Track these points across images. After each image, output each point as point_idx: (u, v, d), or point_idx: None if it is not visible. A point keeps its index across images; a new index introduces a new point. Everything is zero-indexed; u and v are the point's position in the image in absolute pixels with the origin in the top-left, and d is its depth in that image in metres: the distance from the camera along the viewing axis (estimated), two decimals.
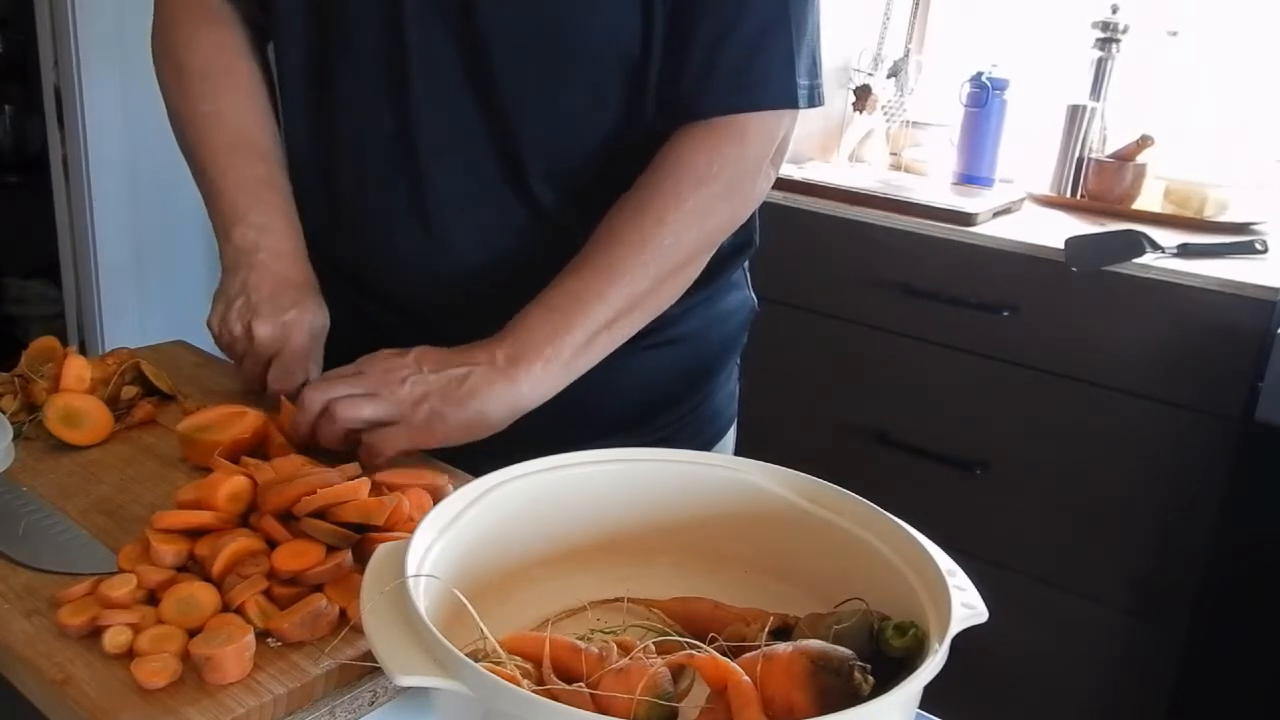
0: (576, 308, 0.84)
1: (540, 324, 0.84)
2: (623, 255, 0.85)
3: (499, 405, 0.81)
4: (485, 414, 0.81)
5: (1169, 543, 1.72)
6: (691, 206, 0.86)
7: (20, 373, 0.90)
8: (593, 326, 0.84)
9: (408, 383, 0.81)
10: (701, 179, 0.87)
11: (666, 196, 0.86)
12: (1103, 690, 1.83)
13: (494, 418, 0.82)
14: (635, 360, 0.94)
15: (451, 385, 0.81)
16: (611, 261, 0.85)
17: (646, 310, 0.88)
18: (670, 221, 0.86)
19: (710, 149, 0.88)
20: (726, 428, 1.10)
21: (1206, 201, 1.93)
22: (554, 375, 0.84)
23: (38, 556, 0.69)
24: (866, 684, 0.51)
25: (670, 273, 0.88)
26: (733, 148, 0.88)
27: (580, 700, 0.52)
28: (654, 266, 0.86)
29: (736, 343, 1.09)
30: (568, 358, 0.84)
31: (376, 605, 0.54)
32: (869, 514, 0.64)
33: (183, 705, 0.57)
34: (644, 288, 0.86)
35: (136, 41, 1.01)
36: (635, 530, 0.70)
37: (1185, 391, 1.66)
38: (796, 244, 1.99)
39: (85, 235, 2.15)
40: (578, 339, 0.84)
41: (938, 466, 1.89)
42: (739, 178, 0.89)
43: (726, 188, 0.88)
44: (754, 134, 0.89)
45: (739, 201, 0.91)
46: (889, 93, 2.24)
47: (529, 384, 0.82)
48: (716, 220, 0.89)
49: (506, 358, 0.83)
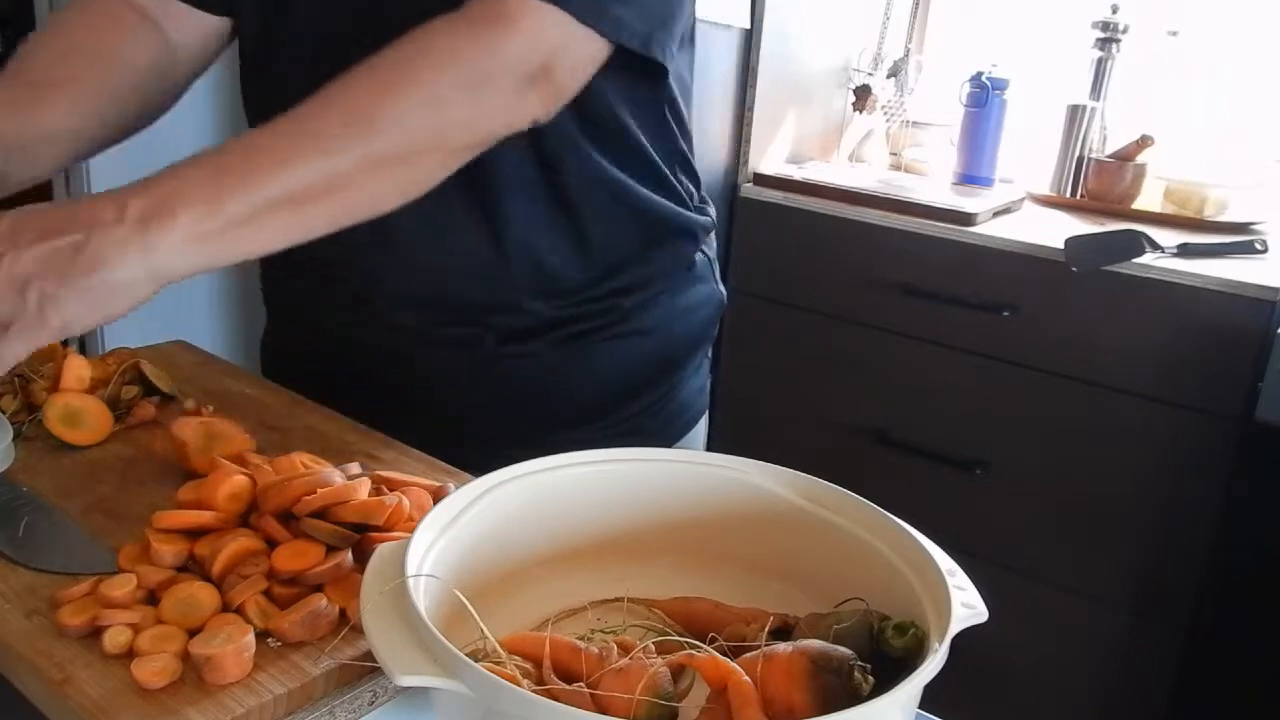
0: (249, 165, 0.68)
1: (196, 175, 0.67)
2: (326, 121, 0.71)
3: (130, 276, 0.64)
4: (113, 289, 0.64)
5: (1169, 542, 1.72)
6: (427, 87, 0.73)
7: (20, 373, 0.90)
8: (268, 193, 0.68)
9: (4, 268, 0.62)
10: (442, 62, 0.74)
11: (395, 69, 0.73)
12: (1103, 690, 1.83)
13: (124, 290, 0.65)
14: (599, 352, 0.93)
15: (64, 256, 0.63)
16: (309, 124, 0.71)
17: (350, 198, 0.72)
18: (396, 95, 0.72)
19: (459, 30, 0.75)
20: (696, 420, 1.09)
21: (1206, 201, 1.93)
22: (208, 243, 0.66)
23: (38, 556, 0.69)
24: (866, 684, 0.51)
25: (385, 160, 0.72)
26: (488, 36, 0.75)
27: (580, 700, 0.52)
28: (364, 144, 0.71)
29: (705, 336, 1.07)
30: (227, 224, 0.66)
31: (376, 605, 0.54)
32: (869, 514, 0.64)
33: (183, 705, 0.57)
34: (346, 165, 0.70)
35: None
36: (635, 530, 0.70)
37: (1185, 391, 1.66)
38: (796, 244, 1.99)
39: None
40: (242, 205, 0.67)
41: (938, 466, 1.89)
42: (491, 73, 0.75)
43: (471, 79, 0.75)
44: (521, 27, 0.75)
45: (488, 104, 0.76)
46: (889, 93, 2.24)
47: (171, 249, 0.65)
48: (455, 114, 0.75)
49: (141, 212, 0.64)
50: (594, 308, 0.96)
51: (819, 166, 2.19)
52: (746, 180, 2.06)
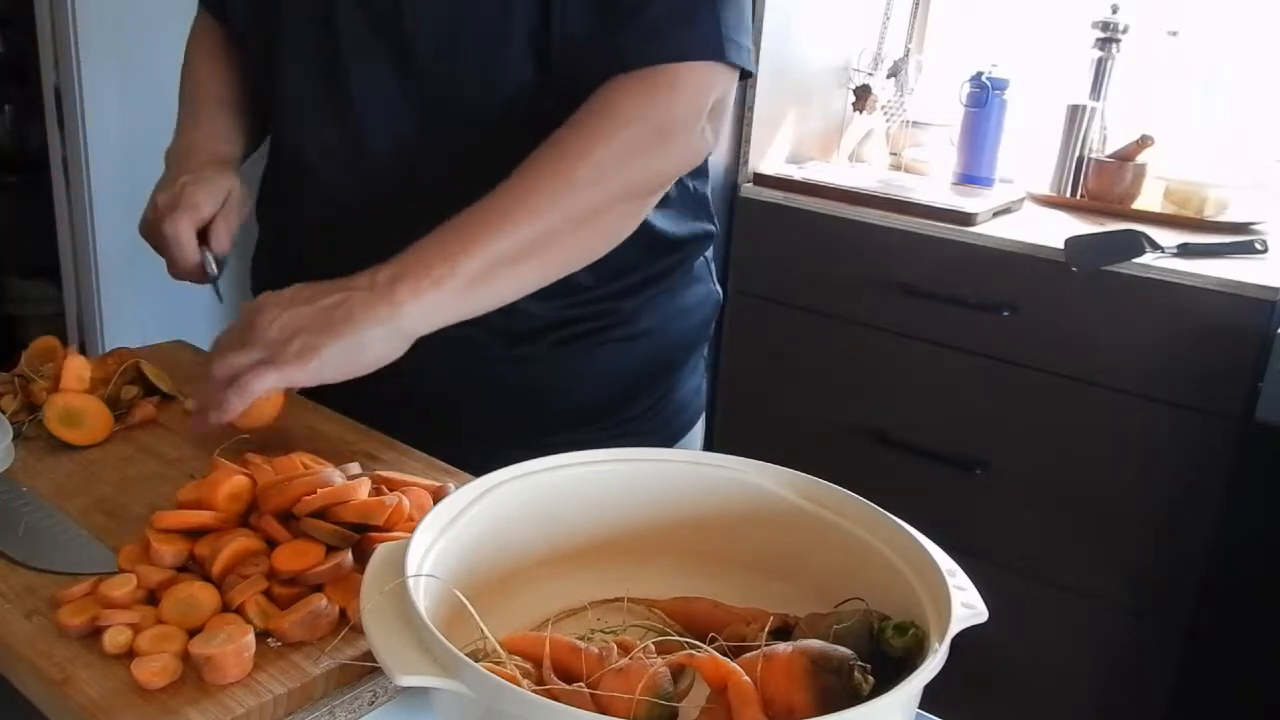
0: (477, 231, 0.79)
1: (434, 243, 0.78)
2: (535, 187, 0.80)
3: (379, 330, 0.75)
4: (363, 341, 0.75)
5: (1169, 542, 1.72)
6: (616, 145, 0.82)
7: (20, 373, 0.90)
8: (492, 255, 0.78)
9: (280, 319, 0.75)
10: (629, 120, 0.83)
11: (591, 134, 0.82)
12: (1103, 690, 1.83)
13: (373, 345, 0.76)
14: (597, 354, 0.93)
15: (324, 313, 0.75)
16: (521, 191, 0.80)
17: (562, 253, 0.83)
18: (592, 159, 0.81)
19: (640, 93, 0.84)
20: (693, 421, 1.10)
21: (1206, 201, 1.93)
22: (446, 300, 0.77)
23: (38, 556, 0.69)
24: (866, 684, 0.51)
25: (588, 215, 0.83)
26: (663, 95, 0.84)
27: (580, 700, 0.52)
28: (571, 202, 0.81)
29: (701, 337, 1.08)
30: (462, 283, 0.77)
31: (376, 605, 0.54)
32: (869, 514, 0.64)
33: (183, 705, 0.57)
34: (555, 223, 0.81)
35: (136, 41, 1.02)
36: (635, 530, 0.70)
37: (1185, 391, 1.66)
38: (796, 244, 1.99)
39: (85, 235, 2.15)
40: (476, 265, 0.78)
41: (938, 466, 1.89)
42: (669, 126, 0.85)
43: (655, 134, 0.84)
44: (685, 83, 0.85)
45: (670, 152, 0.87)
46: (889, 93, 2.24)
47: (415, 306, 0.76)
48: (643, 167, 0.85)
49: (389, 277, 0.76)
50: (594, 309, 0.96)
51: (819, 166, 2.19)
52: (746, 180, 2.06)
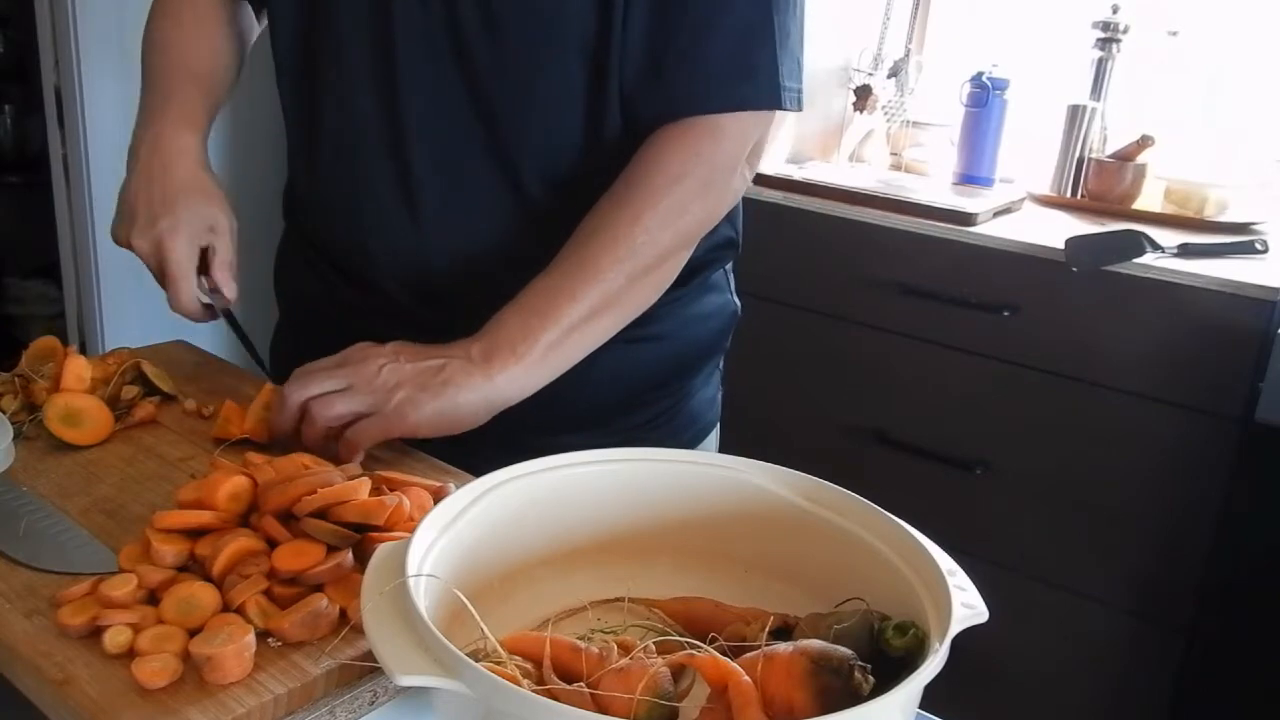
0: (549, 305, 0.85)
1: (513, 321, 0.85)
2: (597, 253, 0.86)
3: (473, 398, 0.82)
4: (459, 405, 0.81)
5: (1169, 542, 1.72)
6: (666, 204, 0.87)
7: (20, 373, 0.90)
8: (566, 323, 0.85)
9: (384, 371, 0.81)
10: (676, 176, 0.87)
11: (642, 194, 0.87)
12: (1103, 690, 1.83)
13: (467, 410, 0.82)
14: (609, 355, 0.93)
15: (427, 374, 0.82)
16: (585, 259, 0.86)
17: (624, 308, 0.89)
18: (645, 219, 0.86)
19: (686, 147, 0.88)
20: (707, 431, 1.09)
21: (1206, 201, 1.93)
22: (529, 372, 0.84)
23: (38, 556, 0.69)
24: (866, 684, 0.51)
25: (646, 270, 0.88)
26: (708, 145, 0.88)
27: (580, 700, 0.52)
28: (629, 264, 0.86)
29: (717, 346, 1.08)
30: (540, 355, 0.84)
31: (376, 605, 0.54)
32: (869, 514, 0.64)
33: (183, 705, 0.57)
34: (618, 285, 0.86)
35: (136, 41, 1.02)
36: (635, 530, 0.70)
37: (1185, 391, 1.66)
38: (796, 244, 1.99)
39: (85, 235, 2.15)
40: (550, 336, 0.84)
41: (938, 466, 1.89)
42: (714, 176, 0.90)
43: (702, 185, 0.89)
44: (730, 133, 0.89)
45: (714, 199, 0.91)
46: (889, 93, 2.24)
47: (504, 380, 0.83)
48: (691, 218, 0.90)
49: (481, 353, 0.83)
50: None
51: (819, 166, 2.19)
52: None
